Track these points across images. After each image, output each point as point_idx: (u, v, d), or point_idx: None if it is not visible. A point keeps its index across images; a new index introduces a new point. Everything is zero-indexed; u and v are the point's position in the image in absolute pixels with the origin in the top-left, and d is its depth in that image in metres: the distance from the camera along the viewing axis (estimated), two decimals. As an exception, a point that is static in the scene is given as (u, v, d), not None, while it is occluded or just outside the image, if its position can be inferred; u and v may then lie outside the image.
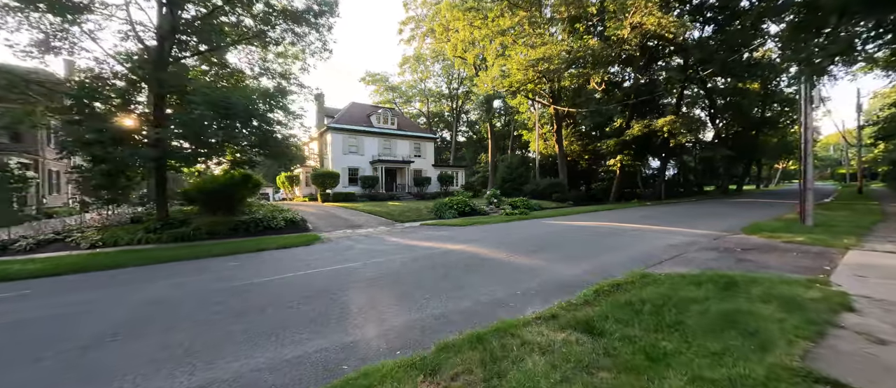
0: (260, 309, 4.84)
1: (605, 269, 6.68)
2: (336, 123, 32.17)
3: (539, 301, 4.96)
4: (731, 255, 7.72)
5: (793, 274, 6.03)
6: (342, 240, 11.42)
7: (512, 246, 9.21)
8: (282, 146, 12.23)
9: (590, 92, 30.68)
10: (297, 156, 14.10)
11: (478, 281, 5.98)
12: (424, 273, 6.50)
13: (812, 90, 11.82)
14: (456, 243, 9.88)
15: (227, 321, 4.47)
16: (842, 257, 7.25)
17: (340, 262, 7.76)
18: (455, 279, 6.10)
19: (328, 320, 4.37)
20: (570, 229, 12.84)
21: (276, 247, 9.93)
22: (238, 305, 5.10)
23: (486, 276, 6.31)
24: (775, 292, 4.80)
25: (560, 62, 20.14)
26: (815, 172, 57.81)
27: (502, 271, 6.60)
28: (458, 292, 5.34)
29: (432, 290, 5.52)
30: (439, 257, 7.94)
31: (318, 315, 4.51)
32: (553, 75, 22.43)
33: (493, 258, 7.74)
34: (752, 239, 9.67)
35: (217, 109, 9.20)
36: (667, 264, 6.94)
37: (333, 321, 4.30)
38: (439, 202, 19.88)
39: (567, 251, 8.42)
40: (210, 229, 12.36)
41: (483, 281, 5.98)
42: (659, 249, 8.49)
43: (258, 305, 5.05)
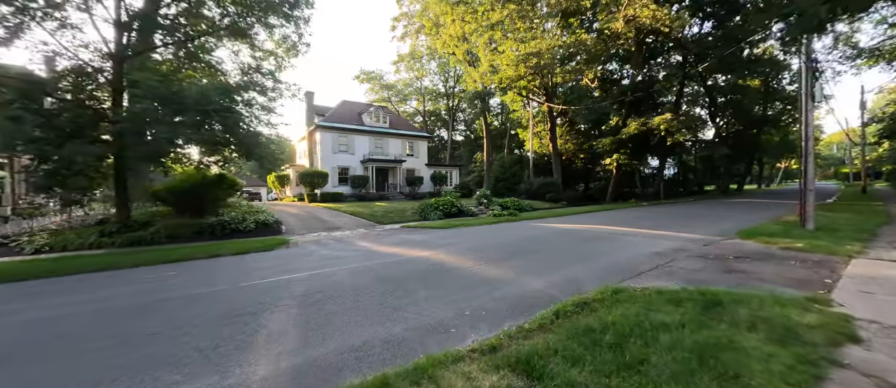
0: (149, 335, 4.11)
1: (578, 281, 5.93)
2: (325, 122, 31.47)
3: (487, 325, 4.22)
4: (721, 264, 6.95)
5: (788, 290, 5.27)
6: (309, 245, 10.70)
7: (484, 252, 8.47)
8: (250, 143, 11.50)
9: (584, 89, 29.84)
10: (269, 154, 13.35)
11: (427, 297, 5.24)
12: (371, 288, 5.76)
13: (814, 85, 11.02)
14: (426, 249, 9.14)
15: (97, 350, 3.75)
16: (845, 268, 6.48)
17: (288, 272, 7.03)
18: (402, 295, 5.36)
19: (219, 353, 3.63)
20: (555, 232, 12.09)
21: (232, 253, 9.22)
22: (128, 327, 4.39)
23: (440, 290, 5.57)
24: (765, 316, 4.04)
25: (551, 57, 19.34)
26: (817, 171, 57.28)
27: (460, 284, 5.85)
28: (397, 314, 4.60)
29: (368, 309, 4.78)
30: (398, 267, 7.20)
31: (210, 346, 3.78)
32: (545, 71, 21.61)
33: (457, 268, 6.99)
34: (747, 245, 8.90)
35: (164, 103, 8.49)
36: (647, 276, 6.19)
37: (222, 356, 3.56)
38: (425, 203, 19.15)
39: (541, 259, 7.67)
40: (172, 232, 11.67)
41: (434, 297, 5.24)
42: (643, 257, 7.73)
43: (151, 327, 4.34)
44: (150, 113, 8.63)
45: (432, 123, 64.39)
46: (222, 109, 9.54)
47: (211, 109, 9.07)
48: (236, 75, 14.95)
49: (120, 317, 4.78)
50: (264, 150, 12.46)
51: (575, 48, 22.57)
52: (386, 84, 54.18)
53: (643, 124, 26.31)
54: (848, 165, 59.24)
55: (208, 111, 9.07)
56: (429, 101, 58.12)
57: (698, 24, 32.01)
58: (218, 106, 9.23)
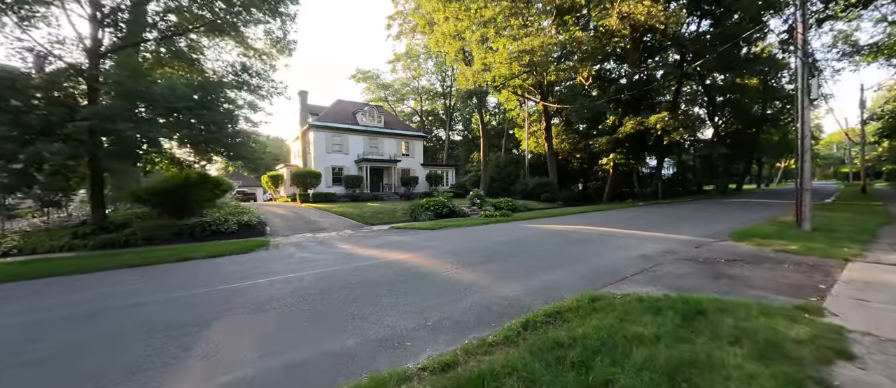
0: (70, 353, 3.76)
1: (557, 287, 5.58)
2: (319, 121, 31.11)
3: (449, 337, 3.88)
4: (710, 268, 6.61)
5: (778, 297, 4.93)
6: (289, 247, 10.36)
7: (465, 255, 8.13)
8: (230, 142, 11.15)
9: (579, 87, 29.49)
10: (251, 152, 13.01)
11: (393, 305, 4.90)
12: (336, 294, 5.42)
13: (810, 81, 10.67)
14: (406, 252, 8.80)
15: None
16: (840, 272, 6.13)
17: (255, 276, 6.69)
18: (366, 303, 5.02)
19: (141, 375, 3.29)
20: (543, 233, 11.75)
21: (205, 256, 8.88)
22: (53, 341, 4.05)
23: (409, 297, 5.23)
24: (750, 328, 3.70)
25: (544, 54, 18.98)
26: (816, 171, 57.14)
27: (432, 290, 5.51)
28: (355, 324, 4.26)
29: (326, 319, 4.45)
30: (372, 271, 6.86)
31: (134, 363, 3.44)
32: (538, 69, 21.25)
33: (432, 272, 6.65)
34: (740, 247, 8.55)
35: (130, 99, 8.15)
36: (631, 282, 5.84)
37: (126, 380, 3.21)
38: (415, 204, 18.81)
39: (524, 262, 7.33)
40: (149, 234, 11.33)
41: (399, 305, 4.90)
42: (630, 260, 7.39)
43: (80, 339, 4.01)
44: (114, 110, 8.28)
45: (430, 123, 64.03)
46: (197, 105, 9.19)
47: (182, 107, 8.73)
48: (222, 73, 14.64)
49: (52, 329, 4.44)
50: (246, 149, 12.10)
51: (571, 46, 22.18)
52: (382, 84, 53.79)
53: (640, 123, 25.95)
54: (847, 164, 58.83)
55: (178, 108, 8.72)
56: (426, 100, 57.77)
57: (696, 22, 31.68)
58: (191, 103, 8.88)
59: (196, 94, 9.34)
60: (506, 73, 21.63)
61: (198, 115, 9.37)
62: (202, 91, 9.68)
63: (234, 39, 14.36)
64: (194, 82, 10.13)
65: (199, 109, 9.28)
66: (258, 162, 13.91)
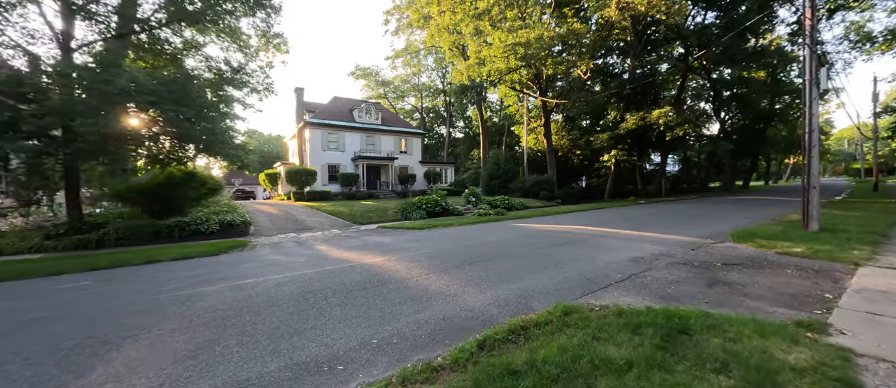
0: None
1: (531, 296, 5.06)
2: (315, 118, 30.73)
3: (390, 360, 3.37)
4: (705, 274, 6.03)
5: (778, 309, 4.36)
6: (264, 248, 9.93)
7: (442, 258, 7.62)
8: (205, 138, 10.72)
9: (581, 82, 28.72)
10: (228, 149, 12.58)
11: (342, 317, 4.41)
12: (285, 304, 4.94)
13: (818, 71, 9.98)
14: (382, 254, 8.31)
15: None
16: (850, 279, 5.53)
17: (212, 282, 6.24)
18: (314, 315, 4.53)
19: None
20: (533, 233, 11.19)
21: (173, 258, 8.47)
22: None
23: (363, 308, 4.73)
24: (741, 351, 3.16)
25: (539, 47, 18.30)
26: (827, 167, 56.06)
27: (391, 299, 5.01)
28: (289, 343, 3.77)
29: (260, 335, 3.96)
30: (337, 276, 6.38)
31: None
32: (534, 62, 20.57)
33: (399, 278, 6.15)
34: (740, 249, 7.95)
35: (90, 93, 7.72)
36: (614, 290, 5.29)
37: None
38: (407, 202, 18.33)
39: (503, 266, 6.80)
40: (124, 234, 10.95)
41: (349, 317, 4.41)
42: (619, 263, 6.83)
43: None
44: (72, 104, 7.86)
45: (431, 120, 63.49)
46: (162, 99, 8.73)
47: (145, 101, 8.28)
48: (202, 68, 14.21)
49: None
50: (225, 145, 11.66)
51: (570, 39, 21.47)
52: (382, 81, 53.28)
53: (642, 119, 25.21)
54: (859, 160, 57.31)
55: (138, 101, 8.27)
56: (426, 97, 57.16)
57: (701, 13, 30.75)
58: (154, 97, 8.43)
59: (165, 87, 8.88)
60: (502, 67, 20.99)
61: (164, 109, 8.93)
62: (172, 85, 9.22)
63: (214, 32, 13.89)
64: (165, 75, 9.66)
65: (165, 103, 8.83)
66: (241, 158, 13.45)
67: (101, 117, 7.85)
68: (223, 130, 11.66)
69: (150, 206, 13.93)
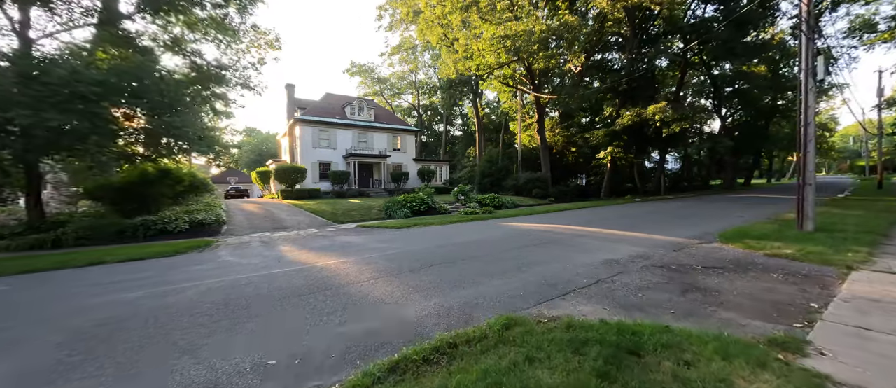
0: None
1: (478, 305, 4.52)
2: (306, 115, 30.24)
3: (279, 386, 2.85)
4: (681, 278, 5.47)
5: (753, 322, 3.80)
6: (226, 248, 9.44)
7: (405, 260, 7.10)
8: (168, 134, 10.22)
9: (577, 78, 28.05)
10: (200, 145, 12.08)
11: (253, 331, 3.91)
12: (201, 315, 4.43)
13: (816, 58, 9.35)
14: (342, 256, 7.80)
15: None
16: (840, 285, 4.97)
17: (138, 287, 5.75)
18: (222, 328, 4.02)
19: None
20: (513, 233, 10.64)
21: (121, 259, 8.01)
22: None
23: (285, 318, 4.23)
24: (694, 379, 2.61)
25: (527, 39, 17.67)
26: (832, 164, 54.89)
27: (321, 309, 4.49)
28: (175, 362, 3.25)
29: (142, 353, 3.46)
30: (281, 281, 5.87)
31: None
32: (524, 55, 19.93)
33: (348, 283, 5.63)
34: (726, 250, 7.38)
35: (25, 84, 7.23)
36: (575, 297, 4.75)
37: None
38: (392, 200, 17.82)
39: (465, 269, 6.27)
40: (84, 234, 10.49)
41: (264, 330, 3.91)
42: (591, 266, 6.27)
43: None
44: (7, 97, 7.37)
45: (429, 117, 62.89)
46: (118, 91, 8.24)
47: (88, 92, 7.78)
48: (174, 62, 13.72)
49: None
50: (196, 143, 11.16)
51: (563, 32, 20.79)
52: (378, 77, 52.68)
53: (638, 115, 24.53)
54: (864, 157, 56.22)
55: (84, 94, 7.76)
56: (423, 94, 56.51)
57: (701, 6, 29.99)
58: (100, 89, 7.92)
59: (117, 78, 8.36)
60: (492, 61, 20.37)
61: (115, 102, 8.42)
62: (125, 76, 8.71)
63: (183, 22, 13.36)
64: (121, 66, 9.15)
65: (115, 95, 8.34)
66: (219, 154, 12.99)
67: (41, 110, 7.35)
68: (191, 124, 11.14)
69: (124, 204, 13.50)
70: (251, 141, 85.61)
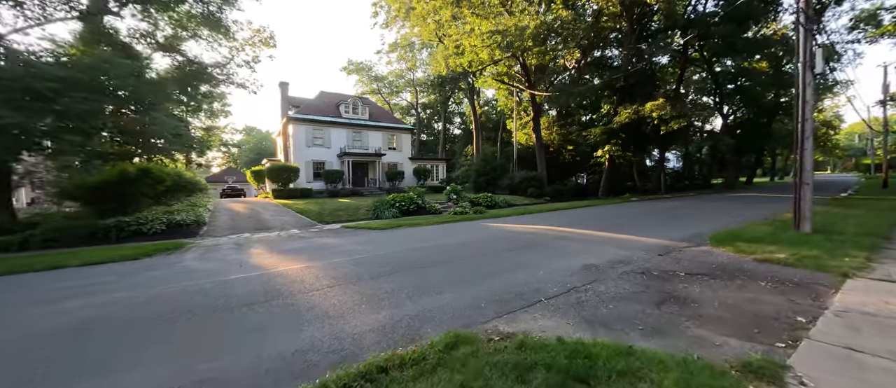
0: None
1: (430, 318, 4.12)
2: (299, 114, 29.89)
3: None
4: (660, 287, 5.04)
5: (728, 341, 3.38)
6: (197, 250, 9.09)
7: (371, 265, 6.70)
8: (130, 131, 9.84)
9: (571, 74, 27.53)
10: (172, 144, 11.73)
11: (162, 352, 3.53)
12: (117, 333, 4.06)
13: (815, 49, 8.87)
14: (312, 260, 7.43)
15: None
16: (833, 295, 4.53)
17: (60, 300, 5.39)
18: (129, 347, 3.65)
19: None
20: (497, 235, 10.23)
21: (79, 264, 7.68)
22: None
23: (209, 335, 3.85)
24: (644, 419, 2.20)
25: (517, 35, 17.20)
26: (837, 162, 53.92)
27: (257, 324, 4.11)
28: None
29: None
30: (233, 288, 5.50)
31: None
32: (517, 51, 19.45)
33: (300, 291, 5.25)
34: (715, 254, 6.93)
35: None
36: (541, 309, 4.33)
37: None
38: (380, 200, 17.44)
39: (427, 276, 5.87)
40: (53, 236, 10.17)
41: (174, 352, 3.53)
42: (566, 272, 5.85)
43: None
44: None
45: (428, 116, 62.43)
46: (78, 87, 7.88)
47: (44, 88, 7.42)
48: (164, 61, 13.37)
49: None
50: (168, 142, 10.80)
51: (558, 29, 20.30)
52: (376, 76, 52.21)
53: (635, 112, 24.02)
54: (869, 155, 55.30)
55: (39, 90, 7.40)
56: (422, 93, 56.01)
57: (702, 1, 29.37)
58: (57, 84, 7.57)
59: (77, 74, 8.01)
60: (485, 57, 19.91)
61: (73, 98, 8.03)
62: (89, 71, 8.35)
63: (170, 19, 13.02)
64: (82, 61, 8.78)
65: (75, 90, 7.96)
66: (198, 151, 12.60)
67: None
68: (161, 122, 10.77)
69: (101, 204, 13.20)
70: (251, 140, 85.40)
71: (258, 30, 25.91)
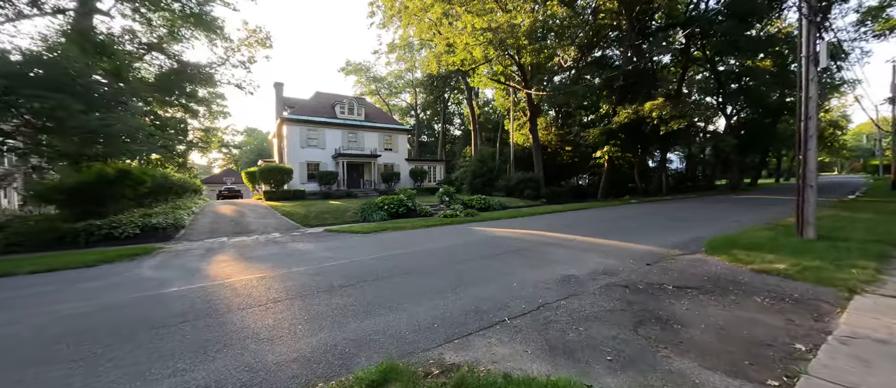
0: None
1: (369, 342, 3.59)
2: (293, 114, 29.52)
3: None
4: (642, 304, 4.48)
5: (711, 377, 2.82)
6: (164, 255, 8.63)
7: (332, 275, 6.19)
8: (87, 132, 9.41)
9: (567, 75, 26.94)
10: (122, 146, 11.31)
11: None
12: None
13: (818, 42, 8.26)
14: (275, 268, 6.94)
15: None
16: (838, 315, 3.96)
17: None
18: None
19: None
20: (482, 240, 9.68)
21: (29, 271, 7.22)
22: None
23: (100, 365, 3.34)
24: None
25: (509, 32, 16.66)
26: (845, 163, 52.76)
27: (164, 351, 3.61)
28: None
29: None
30: (167, 304, 5.01)
31: None
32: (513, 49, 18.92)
33: (238, 307, 4.75)
34: (709, 264, 6.35)
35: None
36: (498, 333, 3.79)
37: None
38: (369, 202, 16.95)
39: (387, 289, 5.34)
40: (17, 240, 9.75)
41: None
42: (540, 285, 5.31)
43: None
44: None
45: (429, 117, 61.95)
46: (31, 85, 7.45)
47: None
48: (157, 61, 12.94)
49: None
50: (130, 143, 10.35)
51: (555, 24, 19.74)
52: (375, 76, 51.85)
53: (634, 112, 23.39)
54: (878, 156, 54.15)
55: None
56: (421, 93, 55.55)
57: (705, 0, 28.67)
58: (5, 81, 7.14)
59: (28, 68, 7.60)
60: (478, 55, 19.39)
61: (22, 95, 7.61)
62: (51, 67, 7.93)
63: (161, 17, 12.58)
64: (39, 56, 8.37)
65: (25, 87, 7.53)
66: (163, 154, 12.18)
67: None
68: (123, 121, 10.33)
69: (76, 207, 12.81)
70: (252, 141, 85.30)
71: (254, 30, 25.59)
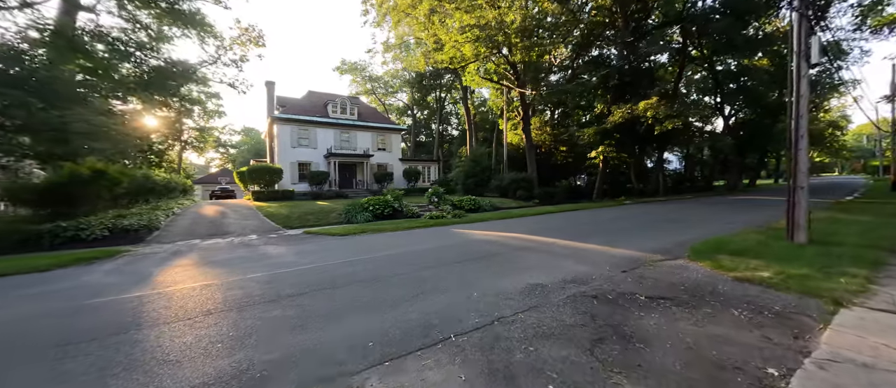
0: None
1: (294, 364, 3.20)
2: (285, 113, 29.17)
3: None
4: (608, 317, 4.08)
5: (662, 414, 2.42)
6: (122, 259, 8.26)
7: (288, 282, 5.81)
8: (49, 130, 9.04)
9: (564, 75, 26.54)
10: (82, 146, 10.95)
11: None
12: None
13: (809, 39, 7.86)
14: (233, 275, 6.56)
15: None
16: (820, 332, 3.56)
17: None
18: None
19: None
20: (461, 243, 9.29)
21: (-25, 277, 6.83)
22: None
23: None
24: None
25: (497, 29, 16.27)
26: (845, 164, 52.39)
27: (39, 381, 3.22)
28: None
29: None
30: (80, 319, 4.64)
31: None
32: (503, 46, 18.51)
33: (156, 325, 4.36)
34: (690, 270, 5.95)
35: None
36: (439, 353, 3.40)
37: None
38: (353, 203, 16.58)
39: (339, 299, 4.96)
40: (-25, 242, 9.37)
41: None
42: (503, 295, 4.91)
43: None
44: None
45: (426, 116, 61.59)
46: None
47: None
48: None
49: None
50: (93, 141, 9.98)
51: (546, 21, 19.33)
52: (370, 76, 51.47)
53: (629, 111, 22.99)
54: (878, 157, 53.68)
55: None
56: (414, 92, 55.15)
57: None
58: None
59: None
60: (468, 53, 19.01)
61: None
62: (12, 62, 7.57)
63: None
64: None
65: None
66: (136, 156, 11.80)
67: None
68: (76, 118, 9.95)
69: (53, 207, 12.46)
70: (249, 141, 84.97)
71: (246, 28, 25.21)
